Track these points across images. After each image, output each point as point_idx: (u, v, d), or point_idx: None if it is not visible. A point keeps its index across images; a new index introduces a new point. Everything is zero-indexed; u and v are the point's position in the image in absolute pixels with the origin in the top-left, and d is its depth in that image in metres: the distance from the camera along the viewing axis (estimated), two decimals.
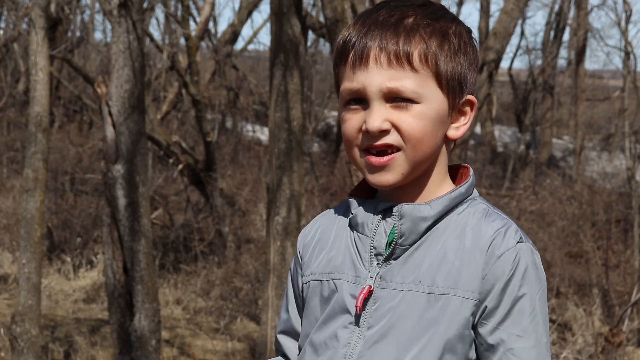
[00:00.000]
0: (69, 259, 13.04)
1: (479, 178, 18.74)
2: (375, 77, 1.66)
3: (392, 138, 1.67)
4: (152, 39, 14.66)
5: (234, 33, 16.03)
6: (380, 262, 1.71)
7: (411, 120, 1.66)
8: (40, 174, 8.54)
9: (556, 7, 22.11)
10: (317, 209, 14.17)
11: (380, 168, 1.69)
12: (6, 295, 12.14)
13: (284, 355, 1.90)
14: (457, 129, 1.75)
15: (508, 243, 1.66)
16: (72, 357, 9.85)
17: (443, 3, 1.90)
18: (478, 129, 21.70)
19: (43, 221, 8.83)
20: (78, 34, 19.60)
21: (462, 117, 1.75)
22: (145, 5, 8.73)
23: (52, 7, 9.61)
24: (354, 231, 1.76)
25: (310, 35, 13.00)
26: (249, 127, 21.06)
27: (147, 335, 7.84)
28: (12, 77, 18.80)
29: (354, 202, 1.76)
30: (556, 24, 21.96)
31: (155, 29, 33.35)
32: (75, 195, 14.91)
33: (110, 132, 7.78)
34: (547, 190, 16.60)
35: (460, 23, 1.73)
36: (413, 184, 1.73)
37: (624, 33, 17.59)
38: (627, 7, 17.15)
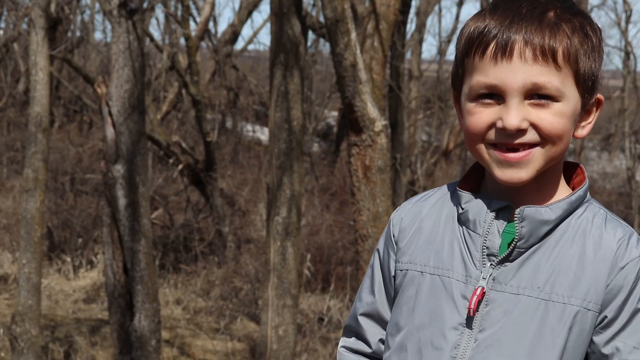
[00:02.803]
0: (69, 259, 13.04)
1: None
2: (519, 72, 1.59)
3: (529, 137, 1.61)
4: (152, 39, 14.66)
5: (234, 33, 16.02)
6: (493, 263, 1.65)
7: (551, 118, 1.60)
8: (40, 174, 8.54)
9: None
10: (317, 209, 14.17)
11: (514, 164, 1.62)
12: (6, 295, 12.14)
13: (363, 338, 1.83)
14: (583, 128, 1.69)
15: (632, 253, 1.63)
16: (72, 357, 9.86)
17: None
18: None
19: (43, 221, 8.84)
20: (78, 34, 19.59)
21: (588, 116, 1.70)
22: (145, 5, 8.73)
23: (52, 7, 9.62)
24: (463, 227, 1.69)
25: (310, 35, 13.00)
26: (249, 127, 21.06)
27: (147, 335, 7.84)
28: (12, 77, 18.79)
29: (464, 196, 1.70)
30: None
31: (155, 29, 33.37)
32: (75, 195, 14.91)
33: (110, 132, 7.78)
34: None
35: (593, 20, 1.68)
36: (532, 183, 1.65)
37: (624, 33, 17.60)
38: (627, 7, 17.16)
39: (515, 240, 1.64)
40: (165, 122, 16.31)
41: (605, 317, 1.62)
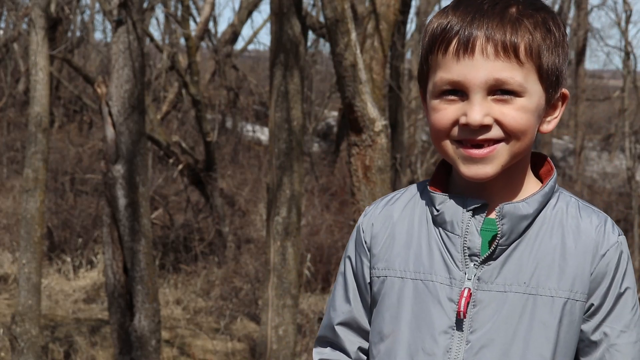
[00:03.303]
0: (69, 259, 13.04)
1: None
2: (481, 68, 1.58)
3: (493, 133, 1.61)
4: (152, 39, 14.65)
5: (234, 33, 16.03)
6: (476, 263, 1.64)
7: (515, 113, 1.60)
8: (40, 174, 8.54)
9: (556, 7, 22.12)
10: (317, 209, 14.17)
11: (480, 160, 1.62)
12: (6, 295, 12.13)
13: (341, 348, 1.81)
14: (549, 123, 1.70)
15: (610, 239, 1.65)
16: (72, 357, 9.85)
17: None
18: None
19: (43, 221, 8.84)
20: (78, 34, 19.59)
21: (554, 111, 1.70)
22: (145, 5, 8.73)
23: (52, 7, 9.62)
24: (440, 228, 1.68)
25: (310, 35, 13.01)
26: (249, 127, 21.06)
27: (147, 335, 7.83)
28: (12, 77, 18.79)
29: (438, 197, 1.69)
30: None
31: (155, 29, 33.37)
32: (75, 195, 14.91)
33: (110, 132, 7.77)
34: None
35: (556, 15, 1.68)
36: (501, 178, 1.65)
37: (624, 33, 17.60)
38: (627, 7, 17.16)
39: (498, 238, 1.64)
40: (165, 122, 16.31)
41: (592, 304, 1.64)
